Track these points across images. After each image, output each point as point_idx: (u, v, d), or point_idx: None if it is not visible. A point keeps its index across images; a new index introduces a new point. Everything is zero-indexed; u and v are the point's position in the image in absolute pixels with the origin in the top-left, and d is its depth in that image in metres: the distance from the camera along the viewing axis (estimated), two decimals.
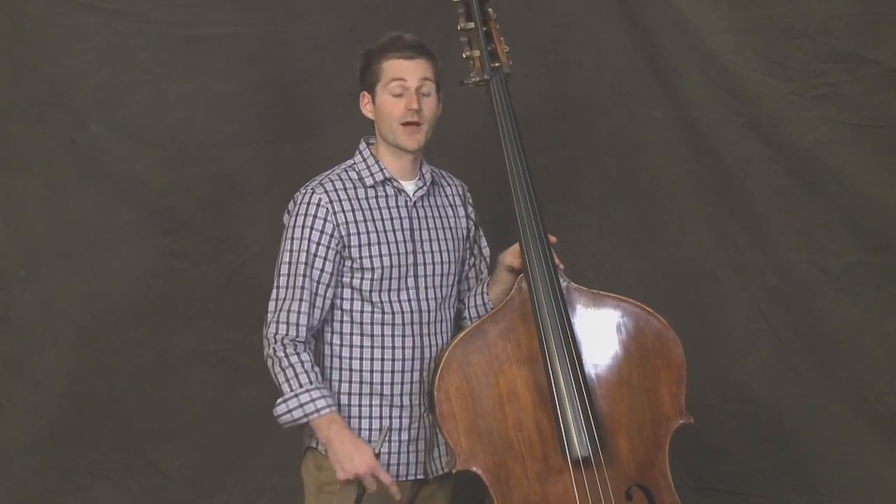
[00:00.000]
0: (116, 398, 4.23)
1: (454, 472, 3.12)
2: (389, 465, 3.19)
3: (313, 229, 3.14)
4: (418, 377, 3.20)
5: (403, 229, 3.21)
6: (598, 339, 3.20)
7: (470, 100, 3.45)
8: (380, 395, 3.18)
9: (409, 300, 3.20)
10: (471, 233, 3.37)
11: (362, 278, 3.16)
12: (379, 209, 3.20)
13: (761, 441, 4.19)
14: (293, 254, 3.15)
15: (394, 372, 3.19)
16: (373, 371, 3.18)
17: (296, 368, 3.08)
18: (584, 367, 3.16)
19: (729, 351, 4.21)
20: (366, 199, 3.20)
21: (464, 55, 3.26)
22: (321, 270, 3.14)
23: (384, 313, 3.18)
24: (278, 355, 3.10)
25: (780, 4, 4.07)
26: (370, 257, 3.16)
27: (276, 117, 4.23)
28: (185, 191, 4.22)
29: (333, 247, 3.15)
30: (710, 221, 4.20)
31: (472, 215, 3.38)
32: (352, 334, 3.18)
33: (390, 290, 3.18)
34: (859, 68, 4.02)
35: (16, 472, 4.20)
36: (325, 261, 3.14)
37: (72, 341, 4.21)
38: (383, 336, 3.18)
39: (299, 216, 3.15)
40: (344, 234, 3.15)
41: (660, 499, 3.19)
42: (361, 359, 3.18)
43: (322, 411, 3.06)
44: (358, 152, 3.27)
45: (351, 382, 3.18)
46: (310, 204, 3.15)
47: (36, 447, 4.20)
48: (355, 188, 3.20)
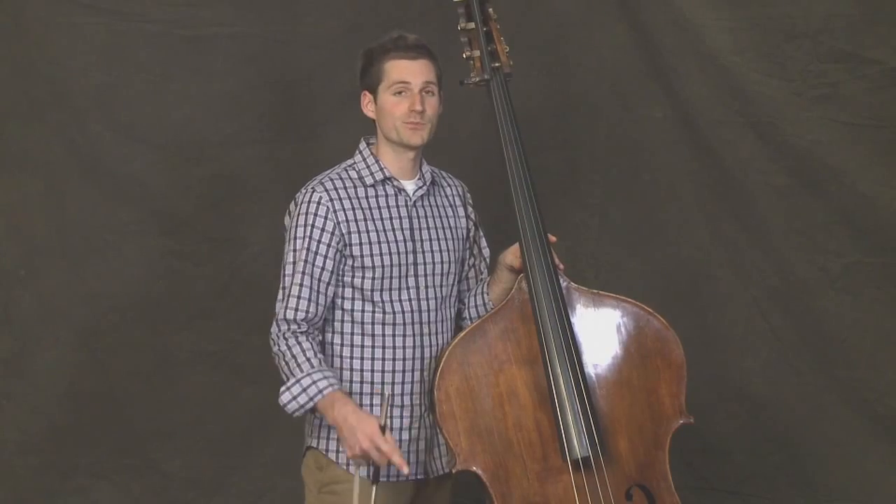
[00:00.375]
0: (116, 398, 4.23)
1: (454, 471, 3.12)
2: (390, 464, 3.18)
3: (314, 227, 3.14)
4: (419, 377, 3.20)
5: (403, 229, 3.21)
6: (598, 339, 3.20)
7: (470, 100, 3.45)
8: (380, 394, 3.18)
9: (410, 300, 3.20)
10: (470, 233, 3.37)
11: (363, 277, 3.16)
12: (379, 209, 3.20)
13: (761, 441, 4.19)
14: (297, 253, 3.14)
15: (394, 372, 3.18)
16: (373, 371, 3.18)
17: (297, 358, 3.08)
18: (584, 367, 3.16)
19: (729, 351, 4.21)
20: (366, 198, 3.20)
21: (464, 55, 3.25)
22: (322, 268, 3.14)
23: (385, 313, 3.18)
24: (281, 349, 3.11)
25: (780, 4, 4.07)
26: (370, 256, 3.16)
27: (276, 117, 4.23)
28: (185, 191, 4.22)
29: (334, 245, 3.15)
30: (710, 221, 4.20)
31: (472, 215, 3.38)
32: (352, 334, 3.18)
33: (391, 290, 3.18)
34: (859, 68, 4.02)
35: (16, 472, 4.20)
36: (327, 259, 3.14)
37: (72, 341, 4.21)
38: (384, 336, 3.18)
39: (301, 216, 3.15)
40: (345, 232, 3.15)
41: (660, 499, 3.18)
42: (362, 358, 3.18)
43: (325, 391, 3.05)
44: (358, 152, 3.26)
45: (352, 382, 3.18)
46: (310, 203, 3.15)
47: (36, 447, 4.20)
48: (355, 187, 3.20)
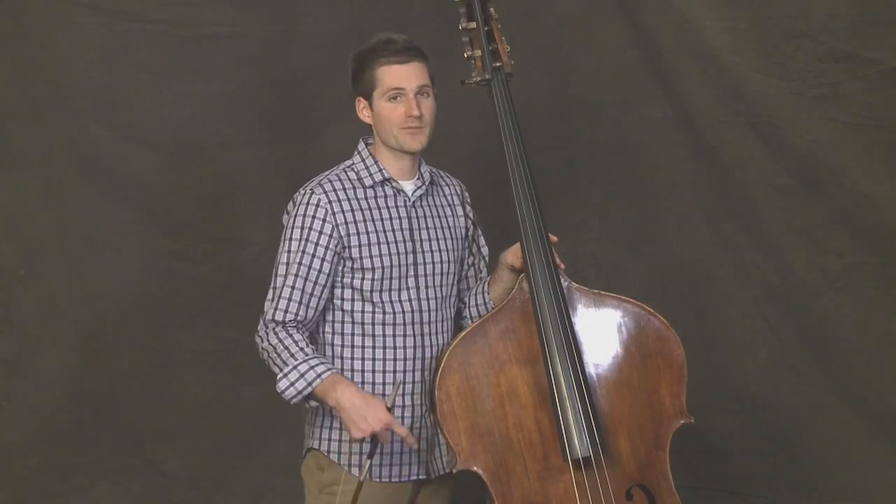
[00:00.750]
0: (116, 398, 4.23)
1: (455, 471, 3.11)
2: (392, 465, 3.18)
3: (312, 229, 3.13)
4: (419, 377, 3.20)
5: (403, 229, 3.21)
6: (598, 338, 3.20)
7: (471, 99, 3.45)
8: (381, 395, 3.17)
9: (410, 300, 3.20)
10: (469, 232, 3.37)
11: (363, 278, 3.16)
12: (378, 209, 3.19)
13: (761, 441, 4.20)
14: (291, 254, 3.14)
15: (395, 372, 3.18)
16: (374, 371, 3.18)
17: (290, 349, 3.06)
18: (585, 366, 3.15)
19: (729, 351, 4.22)
20: (365, 199, 3.19)
21: (465, 55, 3.25)
22: (318, 271, 3.13)
23: (385, 313, 3.17)
24: (271, 343, 3.08)
25: (780, 4, 4.08)
26: (370, 257, 3.15)
27: (276, 117, 4.23)
28: (185, 191, 4.22)
29: (332, 247, 3.14)
30: (710, 221, 4.20)
31: (471, 214, 3.37)
32: (353, 335, 3.18)
33: (391, 290, 3.18)
34: (859, 68, 4.03)
35: (16, 473, 4.20)
36: (323, 261, 3.13)
37: (72, 341, 4.21)
38: (384, 336, 3.18)
39: (298, 217, 3.14)
40: (343, 234, 3.14)
41: (660, 499, 3.18)
42: (363, 359, 3.18)
43: (323, 375, 3.03)
44: (357, 152, 3.26)
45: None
46: (309, 204, 3.14)
47: (36, 447, 4.20)
48: (354, 188, 3.20)
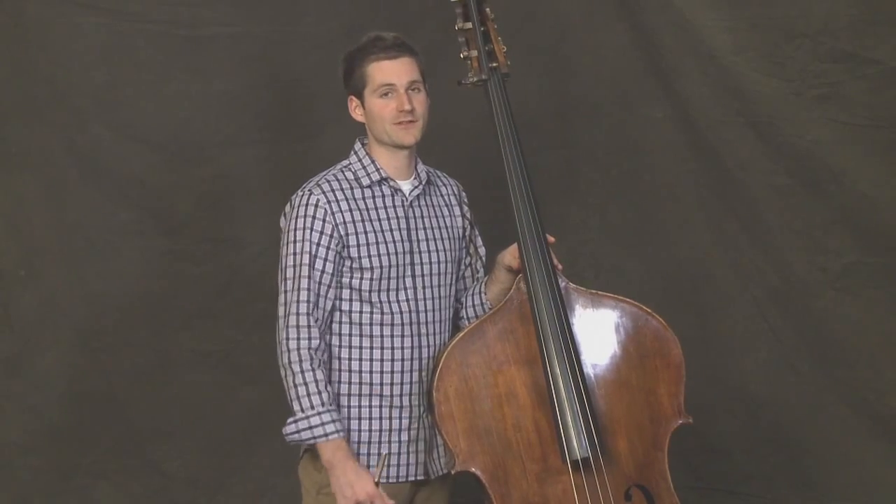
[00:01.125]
0: (116, 398, 4.23)
1: (453, 472, 3.11)
2: (390, 465, 3.18)
3: (313, 230, 3.13)
4: (417, 377, 3.20)
5: (401, 229, 3.21)
6: (596, 339, 3.20)
7: (468, 100, 3.45)
8: (379, 395, 3.18)
9: (408, 300, 3.20)
10: (466, 231, 3.37)
11: (361, 278, 3.16)
12: (376, 209, 3.19)
13: (761, 441, 4.19)
14: (296, 256, 3.14)
15: (393, 372, 3.18)
16: (372, 372, 3.18)
17: (309, 388, 3.07)
18: (583, 367, 3.15)
19: (729, 351, 4.21)
20: (363, 199, 3.19)
21: (461, 55, 3.25)
22: (322, 271, 3.13)
23: (383, 314, 3.17)
24: (294, 369, 3.08)
25: (780, 4, 4.07)
26: (368, 257, 3.15)
27: (275, 117, 4.23)
28: (185, 191, 4.22)
29: (333, 247, 3.14)
30: (710, 221, 4.20)
31: (468, 214, 3.37)
32: (350, 335, 3.18)
33: (388, 291, 3.18)
34: (859, 68, 4.02)
35: (16, 473, 4.20)
36: (326, 261, 3.13)
37: (72, 341, 4.21)
38: (382, 336, 3.18)
39: (298, 218, 3.14)
40: (343, 234, 3.14)
41: (659, 499, 3.18)
42: (361, 360, 3.18)
43: (330, 436, 3.06)
44: (353, 152, 3.26)
45: (350, 384, 3.18)
46: (308, 205, 3.14)
47: (36, 447, 4.20)
48: (352, 188, 3.20)
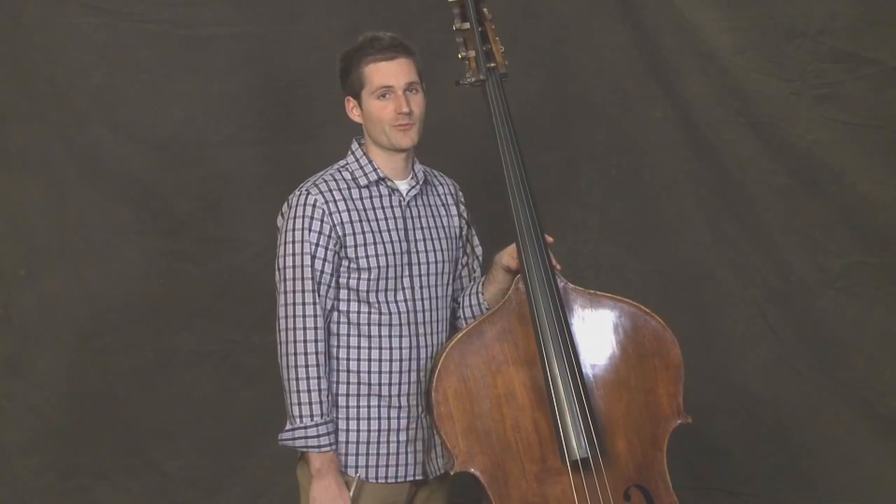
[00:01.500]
0: (116, 398, 4.23)
1: (452, 473, 3.11)
2: (388, 465, 3.19)
3: (311, 230, 3.13)
4: (415, 377, 3.20)
5: (398, 229, 3.20)
6: (595, 339, 3.19)
7: (466, 100, 3.44)
8: (378, 395, 3.18)
9: (405, 300, 3.20)
10: (463, 232, 3.36)
11: (359, 278, 3.16)
12: (374, 209, 3.19)
13: (761, 441, 4.19)
14: (295, 257, 3.13)
15: (391, 373, 3.18)
16: (370, 372, 3.18)
17: (311, 395, 3.08)
18: (582, 367, 3.15)
19: (729, 351, 4.21)
20: (360, 199, 3.19)
21: (459, 55, 3.24)
22: (321, 271, 3.13)
23: (381, 314, 3.17)
24: (294, 374, 3.08)
25: (780, 4, 4.07)
26: (366, 257, 3.15)
27: (275, 117, 4.23)
28: (185, 191, 4.22)
29: (332, 247, 3.14)
30: (710, 221, 4.20)
31: (465, 214, 3.37)
32: (349, 335, 3.18)
33: (386, 291, 3.18)
34: (859, 68, 4.02)
35: (16, 473, 4.20)
36: (325, 262, 3.13)
37: (72, 341, 4.21)
38: (380, 337, 3.17)
39: (296, 218, 3.14)
40: (341, 234, 3.14)
41: (658, 499, 3.18)
42: (359, 360, 3.18)
43: (323, 448, 3.09)
44: (350, 152, 3.25)
45: (349, 384, 3.18)
46: (305, 205, 3.14)
47: (36, 447, 4.21)
48: (349, 188, 3.20)
